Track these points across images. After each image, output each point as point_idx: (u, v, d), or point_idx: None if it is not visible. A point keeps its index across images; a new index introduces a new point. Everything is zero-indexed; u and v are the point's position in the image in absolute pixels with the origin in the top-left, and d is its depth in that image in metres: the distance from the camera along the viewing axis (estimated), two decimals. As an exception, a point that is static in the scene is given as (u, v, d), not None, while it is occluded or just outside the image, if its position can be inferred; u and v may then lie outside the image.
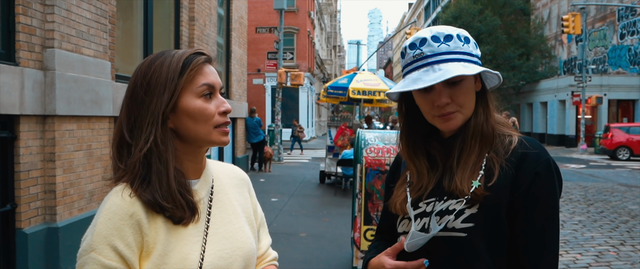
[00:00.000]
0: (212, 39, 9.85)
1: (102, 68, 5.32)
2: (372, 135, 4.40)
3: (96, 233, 1.09)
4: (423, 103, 1.30)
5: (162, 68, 1.17)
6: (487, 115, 1.31)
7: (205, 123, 1.19)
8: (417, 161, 1.36)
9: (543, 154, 1.26)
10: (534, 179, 1.22)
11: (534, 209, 1.22)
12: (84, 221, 4.89)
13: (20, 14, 4.16)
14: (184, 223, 1.15)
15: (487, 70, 1.28)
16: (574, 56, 31.30)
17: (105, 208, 1.11)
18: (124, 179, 1.14)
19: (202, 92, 1.18)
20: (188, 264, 1.12)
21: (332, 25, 63.55)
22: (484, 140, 1.29)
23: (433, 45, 1.25)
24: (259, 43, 27.31)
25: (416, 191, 1.33)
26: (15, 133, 4.18)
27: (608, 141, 21.32)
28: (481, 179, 1.24)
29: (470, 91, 1.29)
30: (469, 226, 1.22)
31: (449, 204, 1.25)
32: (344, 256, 5.79)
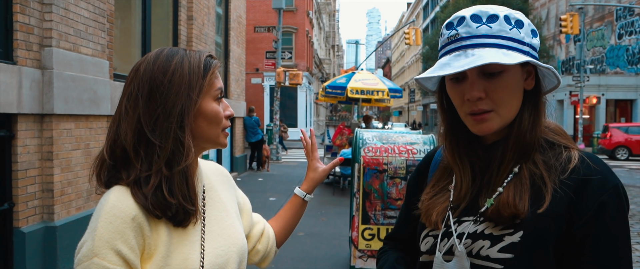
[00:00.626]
0: (211, 38, 9.84)
1: (100, 67, 5.31)
2: (370, 135, 4.41)
3: (97, 237, 1.05)
4: (454, 96, 1.09)
5: (184, 68, 1.15)
6: (534, 123, 1.08)
7: (217, 126, 1.21)
8: (462, 168, 1.14)
9: (611, 178, 1.02)
10: (599, 211, 0.99)
11: (599, 248, 0.99)
12: (81, 220, 4.89)
13: (18, 13, 4.16)
14: (185, 224, 1.13)
15: (537, 63, 1.04)
16: (572, 56, 31.36)
17: (106, 210, 1.07)
18: (128, 180, 1.10)
19: (217, 96, 1.21)
20: (190, 264, 1.11)
21: (330, 25, 63.55)
22: (524, 153, 1.07)
23: (471, 26, 1.04)
24: (258, 42, 27.29)
25: (455, 204, 1.13)
26: (13, 132, 4.18)
27: (607, 141, 21.36)
28: (506, 196, 1.03)
29: (513, 87, 1.06)
30: (507, 257, 1.00)
31: (484, 227, 1.05)
32: (341, 255, 5.80)
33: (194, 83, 1.15)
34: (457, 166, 1.15)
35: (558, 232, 1.00)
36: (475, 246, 1.04)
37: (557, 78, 1.10)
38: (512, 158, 1.07)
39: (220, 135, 1.22)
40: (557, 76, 1.10)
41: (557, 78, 1.10)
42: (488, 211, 1.05)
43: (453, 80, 1.08)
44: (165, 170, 1.10)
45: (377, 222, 4.18)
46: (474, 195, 1.11)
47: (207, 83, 1.18)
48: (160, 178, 1.10)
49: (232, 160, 12.62)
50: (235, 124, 12.87)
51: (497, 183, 1.08)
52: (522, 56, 1.02)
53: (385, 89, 12.30)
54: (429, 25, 62.64)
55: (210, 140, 1.21)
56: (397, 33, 67.92)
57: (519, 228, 1.00)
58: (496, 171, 1.08)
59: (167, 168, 1.11)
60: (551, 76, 1.11)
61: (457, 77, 1.07)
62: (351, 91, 12.19)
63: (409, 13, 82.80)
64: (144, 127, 1.11)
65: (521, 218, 1.01)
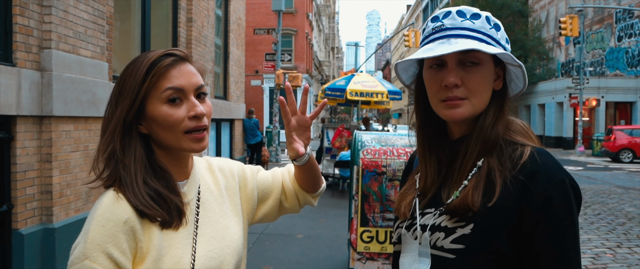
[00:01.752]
0: (210, 40, 9.85)
1: (100, 69, 5.32)
2: (369, 137, 4.41)
3: (90, 240, 1.05)
4: (431, 83, 1.15)
5: (131, 75, 1.14)
6: (496, 119, 1.15)
7: (172, 130, 1.14)
8: (429, 163, 1.22)
9: (557, 173, 1.06)
10: (544, 205, 1.04)
11: (544, 243, 1.03)
12: (80, 222, 4.88)
13: (18, 15, 4.16)
14: (174, 227, 1.13)
15: (511, 56, 1.11)
16: (572, 58, 31.37)
17: (98, 214, 1.07)
18: (113, 184, 1.12)
19: (167, 97, 1.13)
20: (181, 266, 1.11)
21: (330, 27, 63.58)
22: (487, 147, 1.13)
23: (456, 19, 1.13)
24: (257, 44, 27.31)
25: (421, 196, 1.22)
26: (12, 134, 4.18)
27: (611, 143, 21.35)
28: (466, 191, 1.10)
29: (486, 81, 1.13)
30: (459, 247, 1.07)
31: (442, 219, 1.12)
32: (340, 257, 5.79)
33: (132, 89, 1.13)
34: (424, 159, 1.23)
35: (508, 225, 1.05)
36: (433, 238, 1.12)
37: (524, 81, 1.18)
38: (475, 150, 1.14)
39: (182, 139, 1.15)
40: (524, 78, 1.18)
41: (524, 81, 1.18)
42: (452, 204, 1.11)
43: (433, 68, 1.15)
44: (134, 175, 1.11)
45: (375, 224, 4.18)
46: (438, 187, 1.19)
47: (149, 86, 1.13)
48: (133, 182, 1.10)
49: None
50: (235, 126, 12.87)
51: (463, 176, 1.14)
52: (499, 49, 1.12)
53: (385, 91, 12.30)
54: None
55: (170, 145, 1.17)
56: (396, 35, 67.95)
57: (471, 221, 1.07)
58: (460, 164, 1.15)
59: (133, 174, 1.11)
60: (519, 80, 1.19)
61: (437, 64, 1.14)
62: (350, 93, 12.19)
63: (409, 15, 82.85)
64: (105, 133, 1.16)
65: (473, 211, 1.07)
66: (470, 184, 1.11)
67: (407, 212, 1.21)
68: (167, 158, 1.19)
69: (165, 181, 1.15)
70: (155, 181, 1.13)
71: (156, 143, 1.18)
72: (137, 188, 1.10)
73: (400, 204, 1.25)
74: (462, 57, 1.11)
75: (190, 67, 1.18)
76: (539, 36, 35.10)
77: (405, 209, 1.22)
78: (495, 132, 1.14)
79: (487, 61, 1.13)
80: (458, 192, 1.12)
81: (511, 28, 34.91)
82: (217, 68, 11.42)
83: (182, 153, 1.20)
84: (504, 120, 1.17)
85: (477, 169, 1.13)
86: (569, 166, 18.74)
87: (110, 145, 1.12)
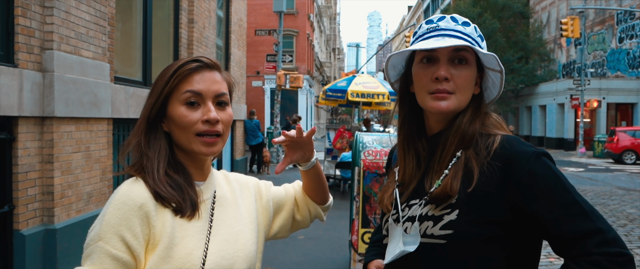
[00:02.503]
0: (211, 41, 9.85)
1: (101, 70, 5.32)
2: (370, 138, 4.41)
3: (105, 222, 1.10)
4: (422, 76, 1.25)
5: (161, 77, 1.23)
6: (474, 117, 1.26)
7: (186, 131, 1.20)
8: (408, 156, 1.32)
9: (528, 149, 1.17)
10: (531, 178, 1.13)
11: (549, 199, 1.11)
12: (82, 222, 4.89)
13: (20, 16, 4.17)
14: (187, 216, 1.17)
15: (496, 59, 1.25)
16: (573, 59, 31.34)
17: (115, 198, 1.13)
18: (135, 172, 1.19)
19: (186, 99, 1.19)
20: (192, 259, 1.14)
21: (331, 28, 63.60)
22: (464, 140, 1.24)
23: (450, 23, 1.26)
24: (258, 45, 27.32)
25: (402, 188, 1.31)
26: (13, 135, 4.18)
27: (614, 144, 21.32)
28: (446, 180, 1.20)
29: (470, 80, 1.25)
30: (448, 233, 1.16)
31: (428, 209, 1.21)
32: (341, 258, 5.79)
33: (159, 89, 1.21)
34: (404, 153, 1.33)
35: (493, 207, 1.15)
36: (422, 227, 1.20)
37: (500, 88, 1.31)
38: (453, 143, 1.24)
39: (193, 141, 1.20)
40: (501, 85, 1.30)
41: (500, 88, 1.31)
42: (434, 192, 1.20)
43: (423, 63, 1.25)
44: (157, 165, 1.18)
45: (377, 226, 4.18)
46: (419, 179, 1.28)
47: (170, 88, 1.20)
48: (154, 170, 1.17)
49: (232, 162, 12.62)
50: (236, 127, 12.88)
51: (443, 166, 1.24)
52: (489, 53, 1.23)
53: (386, 92, 12.29)
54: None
55: (183, 145, 1.23)
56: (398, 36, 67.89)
57: (455, 207, 1.17)
58: (440, 155, 1.25)
59: (155, 164, 1.18)
60: (494, 87, 1.32)
61: (428, 60, 1.24)
62: (352, 94, 12.19)
63: (410, 16, 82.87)
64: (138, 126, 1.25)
65: (455, 198, 1.17)
66: (450, 173, 1.21)
67: (389, 205, 1.31)
68: (185, 158, 1.25)
69: (184, 176, 1.21)
70: (175, 174, 1.20)
71: (174, 143, 1.24)
72: (157, 175, 1.17)
73: (383, 197, 1.34)
74: (453, 54, 1.23)
75: (215, 75, 1.24)
76: (540, 37, 35.08)
77: (387, 202, 1.32)
78: (472, 128, 1.24)
79: (472, 63, 1.25)
80: (440, 181, 1.21)
81: (512, 29, 34.91)
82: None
83: (198, 156, 1.25)
84: (480, 119, 1.27)
85: (456, 159, 1.23)
86: (570, 167, 18.72)
87: (136, 138, 1.21)
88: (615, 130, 22.17)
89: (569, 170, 17.64)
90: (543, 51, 34.69)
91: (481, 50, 1.22)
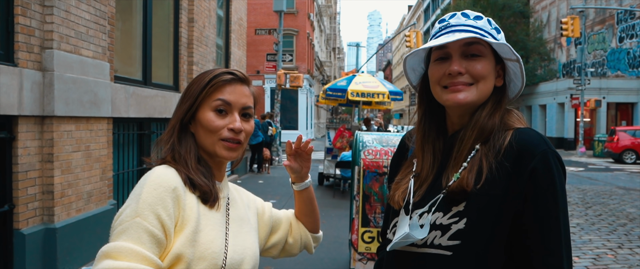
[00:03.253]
0: (211, 40, 9.85)
1: (101, 69, 5.32)
2: (370, 137, 4.41)
3: (142, 201, 1.16)
4: (436, 72, 1.23)
5: (196, 83, 1.33)
6: (494, 110, 1.22)
7: (212, 134, 1.31)
8: (426, 153, 1.29)
9: (538, 146, 1.14)
10: (531, 177, 1.11)
11: (536, 209, 1.11)
12: (82, 222, 4.89)
13: (20, 15, 4.17)
14: (210, 204, 1.27)
15: (510, 48, 1.21)
16: (573, 59, 31.33)
17: (150, 180, 1.20)
18: (165, 160, 1.29)
19: (216, 106, 1.31)
20: (214, 247, 1.22)
21: (331, 27, 63.59)
22: (483, 134, 1.20)
23: (460, 19, 1.24)
24: (258, 44, 27.31)
25: (417, 184, 1.27)
26: (13, 134, 4.18)
27: (614, 144, 21.32)
28: (464, 173, 1.17)
29: (489, 70, 1.22)
30: (455, 243, 1.13)
31: (436, 217, 1.18)
32: (341, 258, 5.79)
33: (193, 95, 1.32)
34: (421, 150, 1.30)
35: (499, 213, 1.12)
36: (430, 237, 1.17)
37: (522, 78, 1.27)
38: (472, 137, 1.20)
39: (217, 144, 1.31)
40: (522, 75, 1.26)
41: (522, 78, 1.27)
42: (452, 186, 1.17)
43: (438, 61, 1.23)
44: (188, 159, 1.29)
45: (377, 225, 4.18)
46: (436, 175, 1.25)
47: (205, 95, 1.31)
48: (186, 161, 1.28)
49: (232, 162, 12.61)
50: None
51: (461, 159, 1.21)
52: (499, 42, 1.20)
53: (386, 92, 12.29)
54: (430, 28, 62.65)
55: (207, 147, 1.33)
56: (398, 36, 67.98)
57: (464, 215, 1.14)
58: (458, 149, 1.22)
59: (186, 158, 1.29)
60: (517, 79, 1.28)
61: (442, 57, 1.22)
62: (352, 94, 12.18)
63: (410, 16, 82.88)
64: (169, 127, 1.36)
65: (464, 204, 1.14)
66: (468, 166, 1.18)
67: (400, 201, 1.27)
68: (207, 157, 1.35)
69: (208, 170, 1.32)
70: (201, 167, 1.31)
71: (198, 144, 1.34)
72: (190, 166, 1.28)
73: (395, 193, 1.30)
74: (465, 49, 1.20)
75: (245, 89, 1.36)
76: (541, 37, 35.07)
77: (399, 198, 1.28)
78: (492, 121, 1.21)
79: (488, 55, 1.22)
80: (458, 174, 1.18)
81: (512, 29, 34.89)
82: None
83: (216, 159, 1.35)
84: (501, 113, 1.24)
85: (474, 152, 1.20)
86: (570, 167, 18.73)
87: (170, 137, 1.32)
88: (616, 130, 22.17)
89: (570, 169, 17.64)
90: (543, 50, 34.68)
91: (492, 40, 1.19)
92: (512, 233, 1.13)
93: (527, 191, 1.11)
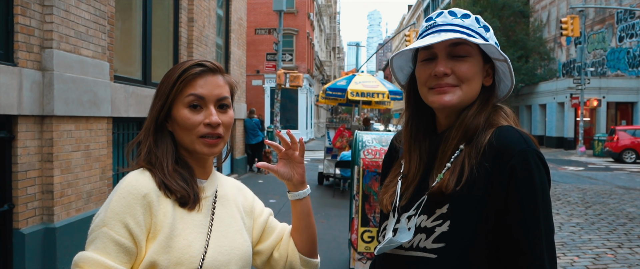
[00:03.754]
0: (211, 40, 9.85)
1: (101, 69, 5.32)
2: (369, 137, 4.41)
3: (110, 209, 1.15)
4: (423, 74, 1.22)
5: (166, 80, 1.28)
6: (480, 110, 1.21)
7: (189, 132, 1.26)
8: (413, 153, 1.27)
9: (517, 145, 1.12)
10: (510, 177, 1.09)
11: (516, 209, 1.09)
12: (81, 221, 4.89)
13: (19, 15, 4.17)
14: (189, 207, 1.22)
15: (497, 48, 1.19)
16: (573, 59, 31.35)
17: (121, 187, 1.18)
18: (140, 164, 1.25)
19: (189, 102, 1.25)
20: (192, 251, 1.18)
21: (331, 27, 63.56)
22: (467, 134, 1.19)
23: (447, 17, 1.22)
24: (258, 44, 27.30)
25: (405, 186, 1.26)
26: (13, 134, 4.18)
27: (614, 144, 21.32)
28: (446, 175, 1.16)
29: (475, 71, 1.20)
30: (440, 246, 1.13)
31: (421, 219, 1.17)
32: (341, 257, 5.79)
33: (164, 93, 1.27)
34: (408, 151, 1.29)
35: (481, 213, 1.10)
36: (415, 240, 1.17)
37: (511, 78, 1.25)
38: (456, 137, 1.19)
39: (196, 142, 1.26)
40: (511, 74, 1.24)
41: (511, 78, 1.25)
42: (433, 188, 1.16)
43: (424, 61, 1.22)
44: (166, 161, 1.24)
45: (376, 224, 4.18)
46: (422, 176, 1.24)
47: (176, 91, 1.25)
48: (163, 165, 1.23)
49: (232, 162, 12.62)
50: (236, 126, 12.88)
51: (444, 159, 1.20)
52: (483, 41, 1.18)
53: (386, 91, 12.29)
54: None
55: (186, 145, 1.28)
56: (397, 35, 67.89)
57: (447, 217, 1.13)
58: (443, 149, 1.21)
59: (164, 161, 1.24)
60: (506, 78, 1.26)
61: (428, 58, 1.21)
62: (351, 93, 12.19)
63: (410, 15, 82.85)
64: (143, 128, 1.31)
65: (447, 206, 1.13)
66: (451, 167, 1.17)
67: (389, 205, 1.26)
68: (188, 156, 1.31)
69: (188, 171, 1.27)
70: (181, 169, 1.26)
71: (178, 142, 1.30)
72: (166, 169, 1.23)
73: (384, 196, 1.29)
74: (451, 49, 1.19)
75: (218, 79, 1.29)
76: (540, 36, 35.07)
77: (388, 201, 1.27)
78: (476, 120, 1.19)
79: (475, 55, 1.20)
80: (441, 174, 1.17)
81: (512, 28, 34.90)
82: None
83: (199, 155, 1.30)
84: (487, 112, 1.21)
85: (458, 152, 1.18)
86: (570, 166, 18.73)
87: (146, 138, 1.27)
88: (615, 129, 22.18)
89: (569, 168, 17.65)
90: (543, 50, 34.69)
91: (479, 40, 1.16)
92: (496, 233, 1.11)
93: (507, 191, 1.10)
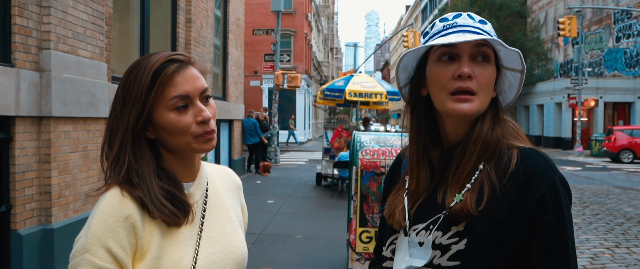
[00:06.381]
0: (209, 40, 9.85)
1: (99, 69, 5.32)
2: (367, 137, 4.41)
3: (90, 234, 1.07)
4: (441, 74, 1.13)
5: (135, 82, 1.13)
6: (494, 123, 1.16)
7: (182, 136, 1.15)
8: (421, 167, 1.21)
9: (546, 173, 1.08)
10: (538, 206, 1.06)
11: (544, 238, 1.07)
12: (79, 222, 4.88)
13: (17, 15, 4.16)
14: (177, 225, 1.14)
15: (521, 57, 1.15)
16: (570, 59, 31.41)
17: (100, 209, 1.09)
18: (118, 181, 1.13)
19: (174, 105, 1.13)
20: (181, 267, 1.12)
21: (329, 27, 63.58)
22: (487, 150, 1.14)
23: (468, 20, 1.15)
24: (256, 45, 27.31)
25: (412, 201, 1.21)
26: (10, 135, 4.18)
27: (611, 144, 21.37)
28: (467, 195, 1.10)
29: (492, 78, 1.15)
30: (455, 264, 1.08)
31: (436, 235, 1.12)
32: (339, 258, 5.80)
33: (138, 99, 1.12)
34: (417, 162, 1.22)
35: (502, 237, 1.07)
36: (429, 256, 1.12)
37: (516, 92, 1.22)
38: (474, 153, 1.13)
39: (192, 143, 1.16)
40: (518, 88, 1.21)
41: (516, 92, 1.22)
42: (454, 207, 1.11)
43: (442, 61, 1.14)
44: (149, 179, 1.13)
45: (374, 225, 4.18)
46: (431, 191, 1.18)
47: (155, 95, 1.12)
48: (147, 183, 1.12)
49: (230, 162, 12.61)
50: (234, 126, 12.87)
51: (461, 178, 1.14)
52: (512, 49, 1.14)
53: (384, 92, 12.31)
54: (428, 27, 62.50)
55: (180, 149, 1.17)
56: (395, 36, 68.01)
57: (464, 235, 1.09)
58: (457, 167, 1.15)
59: (129, 177, 1.12)
60: (510, 90, 1.23)
61: (449, 57, 1.13)
62: (349, 94, 12.20)
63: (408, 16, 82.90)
64: (105, 140, 1.17)
65: (464, 224, 1.09)
66: (471, 188, 1.12)
67: (402, 220, 1.19)
68: (175, 160, 1.20)
69: (174, 183, 1.17)
70: (164, 183, 1.15)
71: (164, 147, 1.19)
72: (151, 189, 1.12)
73: (394, 211, 1.22)
74: (474, 50, 1.12)
75: (193, 71, 1.17)
76: (538, 37, 35.13)
77: (400, 216, 1.20)
78: (494, 135, 1.14)
79: (492, 62, 1.15)
80: (461, 195, 1.11)
81: (510, 29, 34.93)
82: (216, 69, 11.42)
83: (190, 154, 1.21)
84: (500, 126, 1.17)
85: (478, 172, 1.13)
86: (568, 166, 18.76)
87: (122, 153, 1.14)
88: (613, 129, 22.22)
89: (567, 168, 17.67)
90: (540, 50, 34.73)
91: (506, 46, 1.12)
92: (516, 258, 1.09)
93: (534, 220, 1.07)
